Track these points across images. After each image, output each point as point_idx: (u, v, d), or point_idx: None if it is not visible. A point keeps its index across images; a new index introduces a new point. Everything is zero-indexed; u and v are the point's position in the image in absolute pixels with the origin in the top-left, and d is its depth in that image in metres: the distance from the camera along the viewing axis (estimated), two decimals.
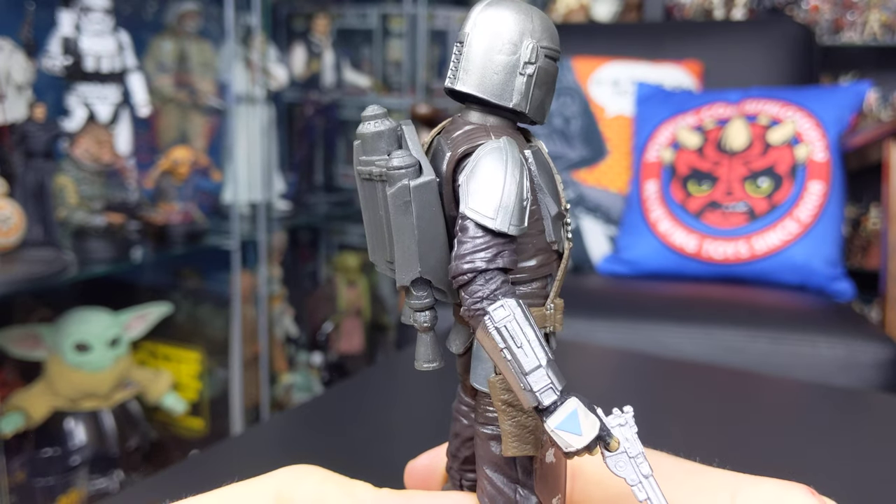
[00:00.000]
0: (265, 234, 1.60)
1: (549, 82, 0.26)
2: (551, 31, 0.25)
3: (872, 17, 2.19)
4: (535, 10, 0.26)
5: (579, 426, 0.22)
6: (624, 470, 0.23)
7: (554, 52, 0.26)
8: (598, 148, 1.72)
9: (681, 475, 0.26)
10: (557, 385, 0.23)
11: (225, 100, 1.61)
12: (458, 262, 0.23)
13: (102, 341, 1.29)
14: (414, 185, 0.24)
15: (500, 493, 0.26)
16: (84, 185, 1.31)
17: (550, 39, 0.25)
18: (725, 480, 0.25)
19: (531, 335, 0.23)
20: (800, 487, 0.24)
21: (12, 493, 1.22)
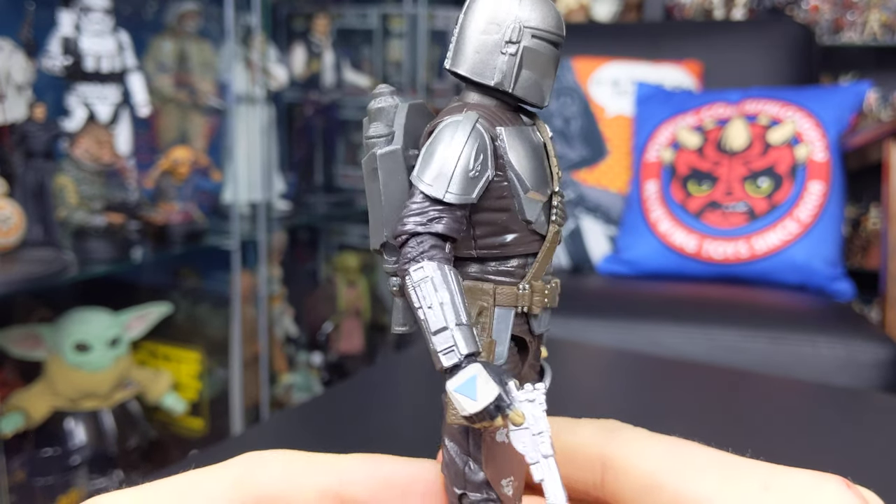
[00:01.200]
0: (265, 234, 1.60)
1: (541, 63, 0.26)
2: (544, 14, 0.26)
3: (872, 17, 2.19)
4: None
5: (475, 391, 0.22)
6: (525, 447, 0.23)
7: (544, 33, 0.26)
8: (598, 148, 1.72)
9: (712, 465, 0.26)
10: (461, 349, 0.23)
11: (225, 100, 1.61)
12: (397, 225, 0.25)
13: (102, 341, 1.29)
14: (380, 154, 0.26)
15: (452, 464, 0.26)
16: (84, 185, 1.31)
17: (540, 21, 0.26)
18: (757, 470, 0.25)
19: (445, 298, 0.23)
20: (834, 478, 0.24)
21: (12, 493, 1.22)
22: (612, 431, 0.28)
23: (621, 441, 0.27)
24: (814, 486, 0.24)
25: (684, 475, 0.25)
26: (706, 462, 0.26)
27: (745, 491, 0.24)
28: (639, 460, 0.26)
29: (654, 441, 0.27)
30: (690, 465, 0.26)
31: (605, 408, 0.73)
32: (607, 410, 0.74)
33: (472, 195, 0.24)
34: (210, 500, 0.25)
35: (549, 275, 0.27)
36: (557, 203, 0.26)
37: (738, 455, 0.26)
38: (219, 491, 0.25)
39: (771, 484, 0.24)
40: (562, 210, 0.26)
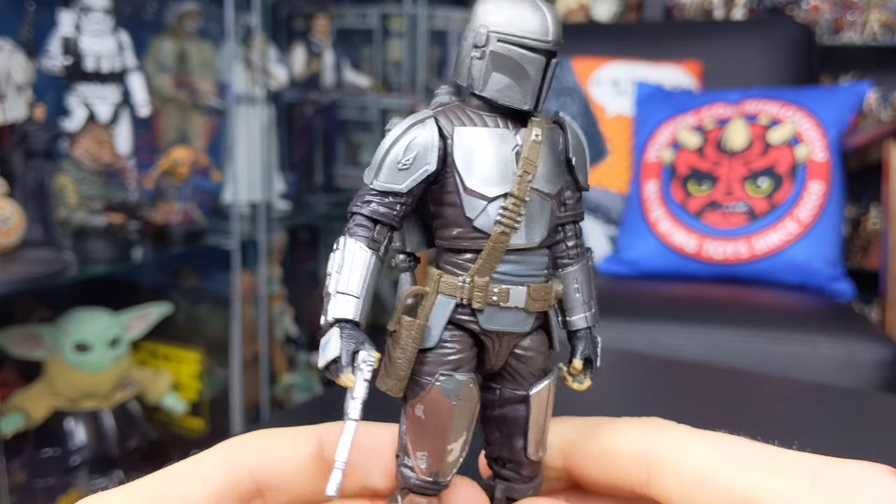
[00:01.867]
0: (265, 234, 1.60)
1: (511, 67, 0.27)
2: (516, 19, 0.27)
3: (872, 17, 2.19)
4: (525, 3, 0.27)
5: (325, 350, 0.25)
6: (345, 406, 0.25)
7: (514, 37, 0.27)
8: (598, 148, 1.72)
9: (760, 458, 0.26)
10: (331, 313, 0.26)
11: (225, 100, 1.61)
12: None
13: (102, 341, 1.29)
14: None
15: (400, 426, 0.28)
16: (84, 185, 1.31)
17: (510, 26, 0.27)
18: (805, 463, 0.25)
19: (339, 269, 0.26)
20: (882, 468, 0.24)
21: (12, 493, 1.22)
22: (656, 430, 0.28)
23: (666, 438, 0.27)
24: (862, 476, 0.24)
25: (733, 470, 0.26)
26: (754, 456, 0.26)
27: (795, 483, 0.24)
28: (685, 457, 0.26)
29: (700, 437, 0.27)
30: (738, 460, 0.26)
31: (604, 408, 0.73)
32: (607, 410, 0.74)
33: (401, 185, 0.27)
34: (206, 483, 0.26)
35: (525, 276, 0.28)
36: (508, 205, 0.27)
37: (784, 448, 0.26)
38: (212, 473, 0.26)
39: (819, 475, 0.24)
40: (512, 214, 0.27)
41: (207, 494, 0.26)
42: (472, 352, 0.28)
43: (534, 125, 0.27)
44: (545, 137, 0.28)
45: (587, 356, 0.29)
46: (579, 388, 0.29)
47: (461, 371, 0.27)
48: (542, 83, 0.27)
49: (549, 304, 0.28)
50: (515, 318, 0.28)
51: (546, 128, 0.28)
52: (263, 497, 0.28)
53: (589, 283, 0.30)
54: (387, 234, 0.27)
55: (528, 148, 0.27)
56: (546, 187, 0.28)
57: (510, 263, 0.27)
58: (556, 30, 0.27)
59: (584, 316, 0.30)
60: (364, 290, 0.26)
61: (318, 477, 0.28)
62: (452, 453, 0.27)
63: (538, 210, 0.27)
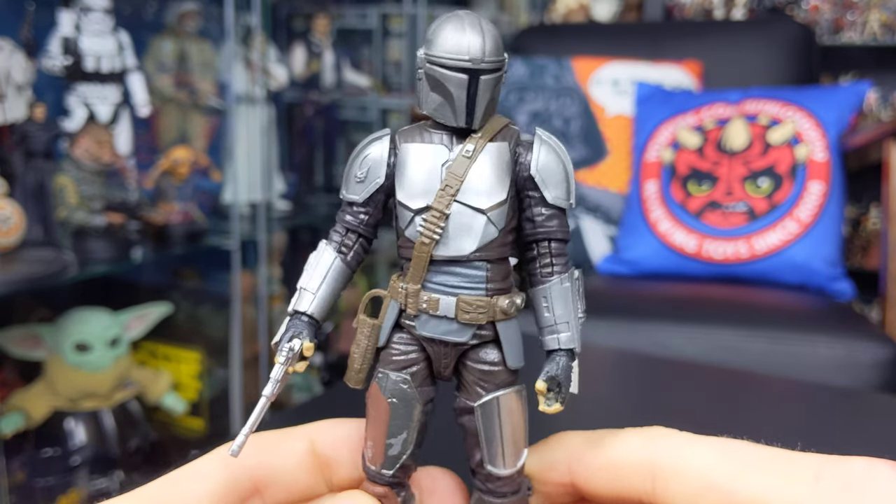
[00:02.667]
0: (265, 234, 1.60)
1: (439, 87, 0.28)
2: (443, 41, 0.28)
3: (872, 17, 2.19)
4: (445, 22, 0.28)
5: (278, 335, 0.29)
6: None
7: (438, 58, 0.28)
8: (598, 148, 1.72)
9: (762, 461, 0.26)
10: (291, 305, 0.29)
11: (225, 100, 1.61)
12: None
13: (102, 341, 1.29)
14: None
15: None
16: (84, 185, 1.31)
17: (434, 47, 0.28)
18: (808, 461, 0.25)
19: (307, 268, 0.30)
20: (886, 464, 0.24)
21: (12, 493, 1.22)
22: (657, 438, 0.28)
23: (668, 446, 0.28)
24: (866, 472, 0.24)
25: (736, 473, 0.26)
26: (756, 458, 0.26)
27: (798, 482, 0.25)
28: (689, 463, 0.27)
29: (702, 443, 0.27)
30: (741, 463, 0.26)
31: (604, 408, 0.73)
32: (607, 410, 0.74)
33: (358, 196, 0.29)
34: (206, 483, 0.27)
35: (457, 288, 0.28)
36: (428, 217, 0.28)
37: (786, 449, 0.26)
38: (211, 473, 0.28)
39: (823, 473, 0.24)
40: (432, 226, 0.28)
41: (208, 493, 0.27)
42: (420, 356, 0.29)
43: (470, 141, 0.28)
44: (488, 153, 0.28)
45: (551, 378, 0.28)
46: (546, 410, 0.28)
47: (405, 371, 0.29)
48: (468, 101, 0.28)
49: (488, 318, 0.29)
50: (448, 328, 0.29)
51: (487, 143, 0.28)
52: (261, 495, 0.29)
53: (565, 304, 0.29)
54: (356, 241, 0.30)
55: (455, 162, 0.28)
56: (476, 201, 0.28)
57: (442, 274, 0.28)
58: (477, 48, 0.28)
59: (556, 337, 0.29)
60: (320, 288, 0.29)
61: (312, 472, 0.29)
62: (393, 448, 0.29)
63: (468, 223, 0.28)
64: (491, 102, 0.28)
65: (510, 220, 0.29)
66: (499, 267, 0.29)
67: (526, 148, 0.29)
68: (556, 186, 0.29)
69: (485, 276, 0.28)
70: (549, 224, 0.29)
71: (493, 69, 0.28)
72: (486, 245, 0.28)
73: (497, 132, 0.29)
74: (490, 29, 0.28)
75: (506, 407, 0.29)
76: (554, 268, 0.29)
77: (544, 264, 0.29)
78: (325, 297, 0.30)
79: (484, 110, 0.28)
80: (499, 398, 0.29)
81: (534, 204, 0.29)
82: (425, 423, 0.30)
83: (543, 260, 0.29)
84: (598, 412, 0.71)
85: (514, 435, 0.29)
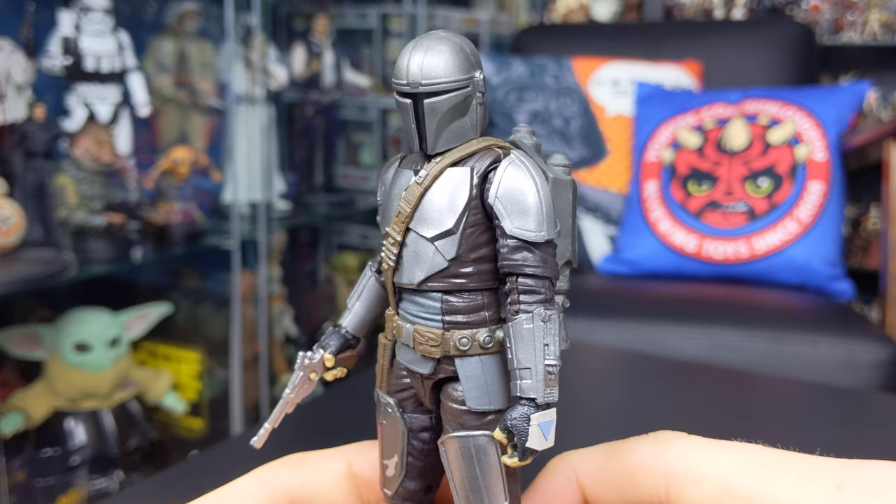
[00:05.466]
0: (265, 234, 1.60)
1: (401, 112, 0.28)
2: (396, 63, 0.27)
3: (872, 17, 2.19)
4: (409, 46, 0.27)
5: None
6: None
7: (394, 85, 0.28)
8: (598, 148, 1.72)
9: (782, 466, 0.25)
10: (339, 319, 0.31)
11: (225, 100, 1.61)
12: None
13: (102, 341, 1.29)
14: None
15: None
16: (84, 185, 1.31)
17: (394, 75, 0.28)
18: (829, 467, 0.25)
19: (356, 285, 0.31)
20: None
21: (12, 493, 1.22)
22: (668, 443, 0.27)
23: (681, 451, 0.27)
24: (888, 478, 0.23)
25: (755, 480, 0.25)
26: (776, 463, 0.25)
27: (819, 489, 0.24)
28: (704, 469, 0.26)
29: (717, 448, 0.26)
30: (759, 468, 0.25)
31: (605, 408, 0.73)
32: (607, 410, 0.74)
33: (379, 218, 0.29)
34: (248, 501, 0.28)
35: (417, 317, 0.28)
36: (385, 244, 0.28)
37: (805, 454, 0.26)
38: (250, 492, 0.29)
39: (844, 479, 0.24)
40: (388, 252, 0.28)
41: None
42: (410, 381, 0.29)
43: (426, 167, 0.27)
44: (444, 179, 0.27)
45: (505, 428, 0.26)
46: (507, 462, 0.26)
47: (395, 395, 0.29)
48: (417, 125, 0.27)
49: (443, 352, 0.27)
50: (413, 357, 0.28)
51: (447, 169, 0.27)
52: None
53: (527, 348, 0.26)
54: None
55: (409, 189, 0.27)
56: (424, 230, 0.27)
57: (406, 301, 0.28)
58: (416, 71, 0.26)
59: (517, 384, 0.26)
60: (355, 304, 0.31)
61: (349, 493, 0.30)
62: (388, 469, 0.29)
63: (418, 251, 0.27)
64: (453, 125, 0.27)
65: (469, 251, 0.27)
66: (459, 299, 0.27)
67: (495, 172, 0.27)
68: (518, 216, 0.26)
69: (439, 308, 0.27)
70: (513, 257, 0.26)
71: (439, 91, 0.26)
72: (434, 275, 0.27)
73: (463, 156, 0.27)
74: (441, 47, 0.26)
75: (464, 450, 0.27)
76: (520, 305, 0.26)
77: (511, 300, 0.26)
78: (359, 312, 0.31)
79: (438, 134, 0.27)
80: (462, 438, 0.27)
81: (500, 234, 0.26)
82: (424, 452, 0.29)
83: (511, 296, 0.26)
84: (598, 412, 0.71)
85: (475, 483, 0.27)
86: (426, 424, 0.29)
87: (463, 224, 0.27)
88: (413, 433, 0.29)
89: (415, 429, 0.29)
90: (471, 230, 0.27)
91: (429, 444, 0.29)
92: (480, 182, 0.27)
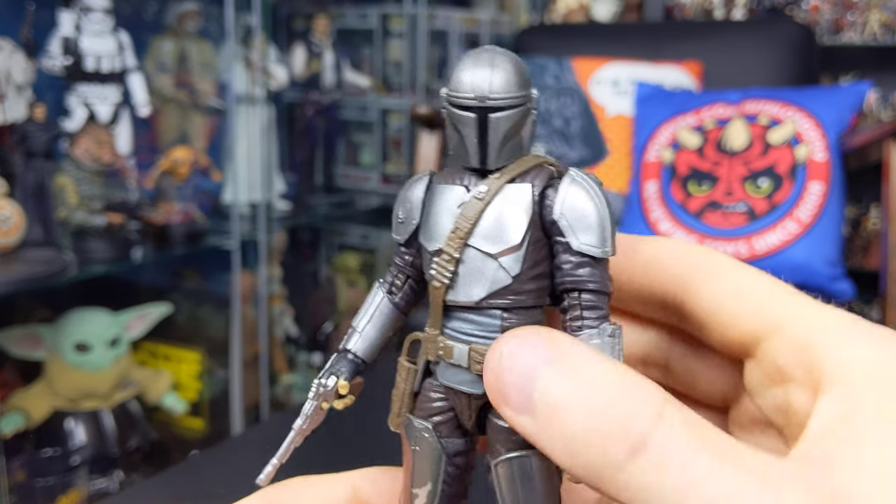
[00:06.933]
0: (265, 234, 1.60)
1: (454, 126, 0.27)
2: (455, 77, 0.27)
3: (872, 17, 2.19)
4: (462, 59, 0.27)
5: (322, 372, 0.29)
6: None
7: (452, 97, 0.27)
8: (598, 148, 1.72)
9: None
10: (342, 343, 0.29)
11: (225, 100, 1.61)
12: None
13: (102, 341, 1.29)
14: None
15: None
16: (84, 185, 1.31)
17: (451, 85, 0.27)
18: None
19: (363, 306, 0.30)
20: None
21: (12, 493, 1.22)
22: (691, 244, 0.28)
23: (705, 252, 0.27)
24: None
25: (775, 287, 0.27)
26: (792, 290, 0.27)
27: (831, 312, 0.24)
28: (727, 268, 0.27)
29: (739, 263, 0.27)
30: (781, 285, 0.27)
31: None
32: None
33: (401, 237, 0.29)
34: None
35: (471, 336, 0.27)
36: (439, 260, 0.27)
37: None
38: None
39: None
40: (442, 270, 0.27)
41: None
42: (447, 405, 0.28)
43: (485, 182, 0.27)
44: (505, 195, 0.27)
45: None
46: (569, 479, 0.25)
47: (430, 419, 0.28)
48: (479, 140, 0.27)
49: None
50: (463, 377, 0.27)
51: (506, 184, 0.27)
52: None
53: None
54: (405, 281, 0.29)
55: (468, 204, 0.27)
56: (487, 246, 0.26)
57: (458, 320, 0.27)
58: (484, 84, 0.26)
59: None
60: (366, 327, 0.29)
61: None
62: (419, 498, 0.28)
63: (478, 268, 0.27)
64: (512, 141, 0.27)
65: (530, 268, 0.27)
66: (519, 317, 0.27)
67: (555, 189, 0.27)
68: (584, 231, 0.27)
69: (499, 326, 0.27)
70: (577, 273, 0.27)
71: (505, 106, 0.26)
72: (497, 292, 0.26)
73: (521, 173, 0.27)
74: (505, 64, 0.26)
75: (525, 469, 0.26)
76: (584, 321, 0.26)
77: (573, 317, 0.26)
78: (370, 336, 0.29)
79: (500, 150, 0.27)
80: (519, 458, 0.26)
81: (561, 250, 0.27)
82: (457, 478, 0.28)
83: (573, 312, 0.26)
84: None
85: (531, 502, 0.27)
86: (461, 449, 0.28)
87: (527, 240, 0.26)
88: (449, 458, 0.28)
89: (450, 453, 0.28)
90: (533, 246, 0.27)
91: (461, 470, 0.28)
92: (540, 199, 0.27)
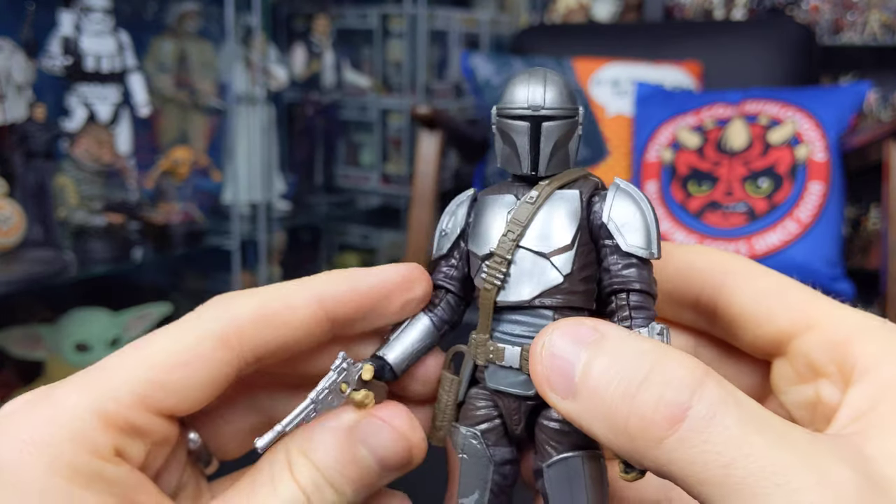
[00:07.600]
0: (265, 235, 1.60)
1: (505, 137, 0.29)
2: (506, 93, 0.29)
3: (872, 17, 2.19)
4: (513, 77, 0.29)
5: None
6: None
7: (505, 109, 0.29)
8: (598, 148, 1.72)
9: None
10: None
11: (225, 100, 1.61)
12: None
13: (102, 341, 1.29)
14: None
15: None
16: (84, 185, 1.31)
17: (504, 101, 0.29)
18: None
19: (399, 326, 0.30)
20: None
21: None
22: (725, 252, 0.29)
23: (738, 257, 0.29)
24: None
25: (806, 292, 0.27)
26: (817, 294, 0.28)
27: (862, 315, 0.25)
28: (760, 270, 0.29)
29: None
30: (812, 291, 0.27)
31: None
32: None
33: (444, 250, 0.30)
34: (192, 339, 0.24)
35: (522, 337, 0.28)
36: (490, 262, 0.28)
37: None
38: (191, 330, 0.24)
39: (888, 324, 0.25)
40: (494, 272, 0.28)
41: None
42: (495, 412, 0.29)
43: (535, 188, 0.28)
44: (555, 200, 0.28)
45: None
46: (624, 477, 0.26)
47: (477, 427, 0.28)
48: (531, 147, 0.28)
49: None
50: (514, 380, 0.28)
51: (556, 190, 0.28)
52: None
53: None
54: (443, 296, 0.30)
55: (519, 208, 0.28)
56: (538, 246, 0.28)
57: (508, 322, 0.28)
58: (538, 96, 0.28)
59: None
60: (395, 337, 0.29)
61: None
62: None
63: (529, 268, 0.28)
64: (560, 151, 0.28)
65: (580, 269, 0.28)
66: (569, 317, 0.27)
67: (601, 197, 0.28)
68: (631, 233, 0.28)
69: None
70: (625, 273, 0.28)
71: (556, 116, 0.28)
72: (547, 291, 0.27)
73: (569, 181, 0.29)
74: (556, 80, 0.28)
75: (576, 470, 0.27)
76: (633, 321, 0.27)
77: (622, 318, 0.27)
78: (405, 343, 0.29)
79: (550, 158, 0.28)
80: (569, 459, 0.27)
81: (609, 252, 0.28)
82: (503, 489, 0.29)
83: (622, 313, 0.27)
84: None
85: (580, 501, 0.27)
86: (508, 458, 0.29)
87: (577, 241, 0.28)
88: (496, 466, 0.29)
89: (498, 461, 0.29)
90: (582, 249, 0.28)
91: (507, 481, 0.29)
92: (588, 204, 0.28)
